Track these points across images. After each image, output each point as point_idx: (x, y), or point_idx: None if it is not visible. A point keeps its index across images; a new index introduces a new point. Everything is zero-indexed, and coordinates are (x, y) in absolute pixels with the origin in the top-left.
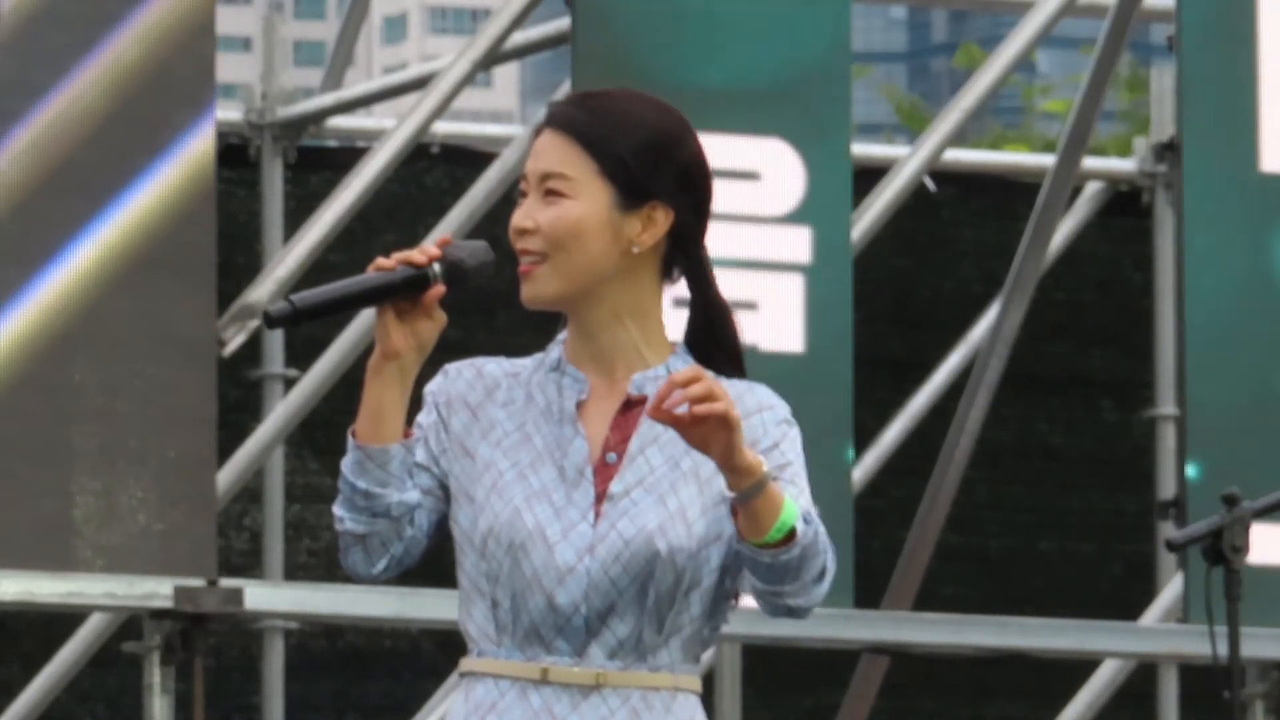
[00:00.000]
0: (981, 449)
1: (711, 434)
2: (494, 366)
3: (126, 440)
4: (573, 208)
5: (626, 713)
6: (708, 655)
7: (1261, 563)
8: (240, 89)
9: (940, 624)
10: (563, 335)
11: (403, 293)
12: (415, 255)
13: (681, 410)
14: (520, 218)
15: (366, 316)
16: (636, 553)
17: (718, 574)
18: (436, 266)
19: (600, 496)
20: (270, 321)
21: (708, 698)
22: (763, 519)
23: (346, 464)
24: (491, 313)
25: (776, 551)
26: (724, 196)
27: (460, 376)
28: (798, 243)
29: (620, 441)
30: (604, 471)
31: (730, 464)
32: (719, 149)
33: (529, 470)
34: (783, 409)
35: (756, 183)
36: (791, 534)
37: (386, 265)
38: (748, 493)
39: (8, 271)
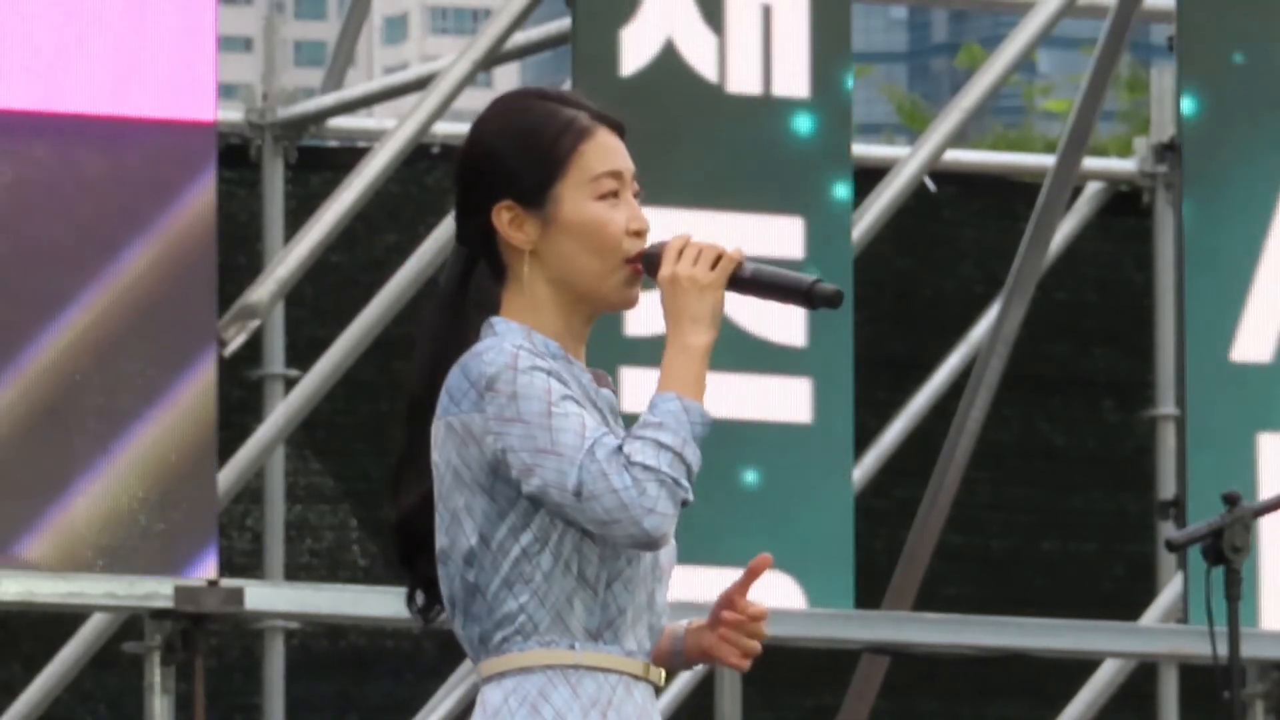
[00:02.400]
0: (982, 449)
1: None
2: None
3: (128, 439)
4: None
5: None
6: None
7: None
8: (241, 89)
9: (941, 624)
10: (511, 324)
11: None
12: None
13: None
14: (641, 219)
15: (367, 317)
16: (674, 554)
17: None
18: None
19: None
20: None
21: (708, 697)
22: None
23: (696, 436)
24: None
25: None
26: None
27: (542, 358)
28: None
29: None
30: None
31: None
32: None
33: None
34: None
35: None
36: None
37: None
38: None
39: None
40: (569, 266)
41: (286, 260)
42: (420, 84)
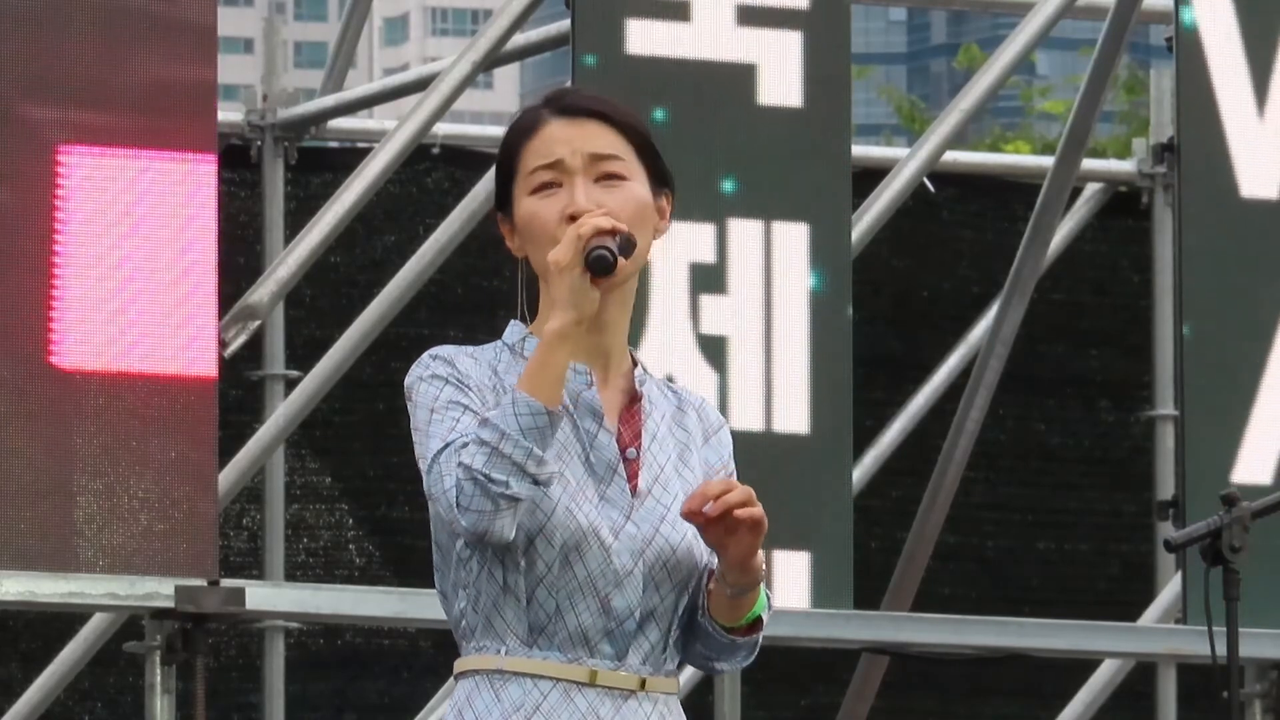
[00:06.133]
0: (980, 449)
1: (736, 537)
2: (472, 355)
3: (128, 440)
4: (635, 188)
5: (656, 717)
6: None
7: None
8: (241, 90)
9: (939, 624)
10: (516, 325)
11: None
12: (619, 226)
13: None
14: (582, 201)
15: (367, 318)
16: (682, 560)
17: None
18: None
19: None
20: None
21: (707, 697)
22: (742, 609)
23: (521, 428)
24: (493, 312)
25: (738, 635)
26: None
27: (459, 361)
28: None
29: (634, 438)
30: (627, 468)
31: (746, 565)
32: None
33: (562, 466)
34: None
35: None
36: (757, 623)
37: (606, 228)
38: (744, 588)
39: None
40: (537, 268)
41: (287, 261)
42: (420, 85)
